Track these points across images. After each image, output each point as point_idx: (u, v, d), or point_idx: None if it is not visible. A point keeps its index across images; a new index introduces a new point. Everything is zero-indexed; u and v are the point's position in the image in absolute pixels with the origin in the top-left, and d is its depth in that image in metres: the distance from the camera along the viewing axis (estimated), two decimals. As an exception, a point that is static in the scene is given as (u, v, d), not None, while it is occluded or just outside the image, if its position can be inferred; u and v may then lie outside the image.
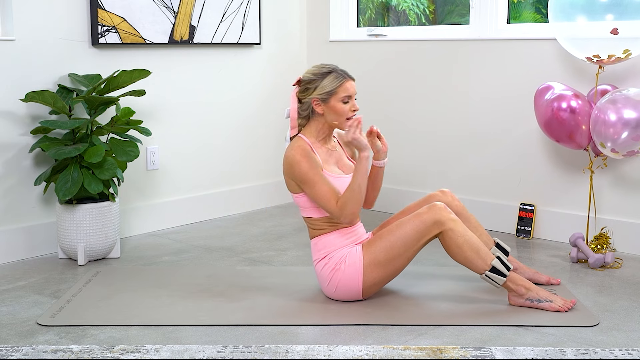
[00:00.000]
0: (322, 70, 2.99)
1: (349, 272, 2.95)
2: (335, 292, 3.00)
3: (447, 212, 2.92)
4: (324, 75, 2.98)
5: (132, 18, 4.01)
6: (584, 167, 3.80)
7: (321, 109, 2.99)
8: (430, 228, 2.90)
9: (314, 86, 2.98)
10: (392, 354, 2.53)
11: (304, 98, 3.01)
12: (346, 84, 2.97)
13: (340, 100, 2.96)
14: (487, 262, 2.91)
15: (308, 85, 3.00)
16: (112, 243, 3.68)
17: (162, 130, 4.23)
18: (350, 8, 4.91)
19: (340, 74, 2.98)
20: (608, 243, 3.63)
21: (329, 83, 2.96)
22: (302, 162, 2.93)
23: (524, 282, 2.96)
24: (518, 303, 2.96)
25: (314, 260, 3.05)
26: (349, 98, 2.98)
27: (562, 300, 2.94)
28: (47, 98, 3.49)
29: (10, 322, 2.85)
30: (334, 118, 2.99)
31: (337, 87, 2.96)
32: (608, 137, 3.34)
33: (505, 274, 2.91)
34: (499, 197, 4.23)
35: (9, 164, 3.64)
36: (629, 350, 2.57)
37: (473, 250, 2.90)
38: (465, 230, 2.91)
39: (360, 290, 2.98)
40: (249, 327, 2.80)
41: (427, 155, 4.49)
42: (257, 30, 4.63)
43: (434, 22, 4.74)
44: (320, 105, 2.98)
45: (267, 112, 4.80)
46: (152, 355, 2.53)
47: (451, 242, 2.90)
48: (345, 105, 2.97)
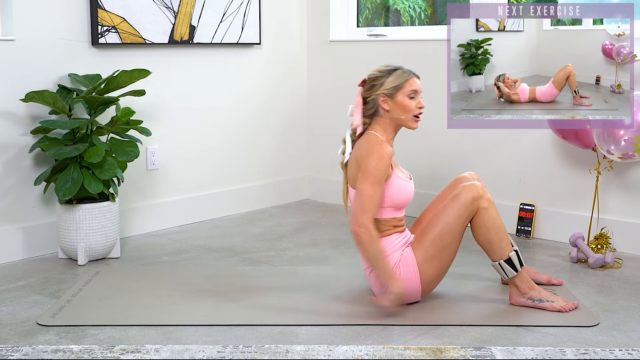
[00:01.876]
0: (388, 68, 3.00)
1: (405, 274, 2.93)
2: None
3: (484, 190, 2.93)
4: (390, 72, 2.98)
5: (132, 18, 4.01)
6: (590, 168, 3.80)
7: (388, 105, 2.97)
8: (469, 207, 2.90)
9: (380, 82, 2.97)
10: (392, 354, 2.53)
11: (370, 96, 2.99)
12: (412, 79, 2.98)
13: (407, 95, 2.96)
14: (505, 251, 2.92)
15: (374, 82, 2.98)
16: (112, 243, 3.68)
17: (162, 130, 4.23)
18: (350, 8, 4.91)
19: (406, 71, 3.00)
20: (608, 243, 3.63)
21: (396, 78, 2.96)
22: (382, 156, 2.87)
23: (528, 282, 2.96)
24: (519, 302, 2.96)
25: (364, 268, 3.01)
26: (415, 93, 2.97)
27: (564, 302, 2.94)
28: (47, 98, 3.49)
29: (10, 322, 2.85)
30: (401, 113, 2.97)
31: (403, 82, 2.96)
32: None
33: (518, 268, 2.93)
34: (499, 197, 4.23)
35: (9, 164, 3.64)
36: (629, 350, 2.57)
37: (498, 236, 2.91)
38: (497, 214, 2.93)
39: (420, 290, 2.96)
40: (249, 327, 2.80)
41: (427, 155, 4.49)
42: (257, 30, 4.63)
43: (432, 23, 4.74)
44: (387, 101, 2.96)
45: (267, 112, 4.80)
46: (152, 355, 2.53)
47: (481, 221, 2.91)
48: (412, 101, 2.97)
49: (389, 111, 2.97)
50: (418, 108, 2.98)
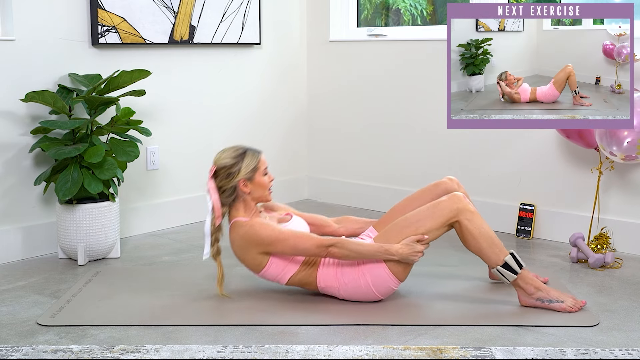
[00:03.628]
0: (238, 152, 3.06)
1: (376, 276, 2.95)
2: (376, 294, 2.99)
3: (466, 202, 2.95)
4: (242, 156, 3.05)
5: (132, 18, 4.01)
6: (592, 167, 3.79)
7: (248, 188, 3.04)
8: (450, 218, 2.93)
9: (237, 169, 3.03)
10: (392, 354, 2.53)
11: (228, 185, 3.03)
12: (262, 157, 3.09)
13: (263, 173, 3.06)
14: (500, 257, 2.93)
15: (230, 171, 3.03)
16: (112, 243, 3.68)
17: (162, 130, 4.23)
18: (350, 8, 4.91)
19: (254, 150, 3.09)
20: (608, 243, 3.63)
21: (250, 161, 3.05)
22: (258, 226, 2.97)
23: (534, 282, 2.95)
24: (528, 303, 2.96)
25: (338, 291, 3.03)
26: (266, 169, 3.09)
27: (573, 301, 2.94)
28: (47, 98, 3.49)
29: (10, 322, 2.85)
30: (260, 192, 3.07)
31: (258, 163, 3.06)
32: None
33: (517, 271, 2.93)
34: (499, 197, 4.23)
35: (9, 164, 3.64)
36: (629, 350, 2.57)
37: (487, 242, 2.93)
38: (482, 222, 2.94)
39: (396, 280, 2.97)
40: (249, 327, 2.80)
41: (428, 155, 4.49)
42: (257, 30, 4.63)
43: (432, 22, 4.74)
44: (247, 184, 3.04)
45: (267, 112, 4.80)
46: (152, 355, 2.53)
47: (468, 232, 2.93)
48: (266, 177, 3.08)
49: (250, 193, 3.05)
50: (270, 181, 3.10)
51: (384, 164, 4.71)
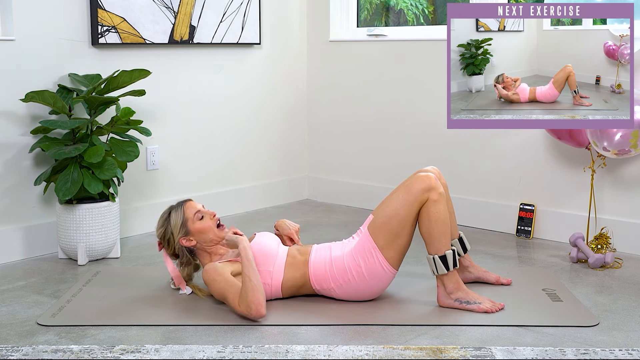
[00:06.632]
0: (164, 217, 3.10)
1: (370, 264, 2.96)
2: (371, 289, 3.00)
3: (437, 183, 2.93)
4: (168, 218, 3.08)
5: (132, 18, 4.01)
6: (584, 166, 3.80)
7: (192, 241, 3.06)
8: (419, 197, 2.91)
9: (169, 232, 3.07)
10: (392, 354, 2.53)
11: (175, 249, 3.09)
12: (187, 205, 3.09)
13: (195, 219, 3.05)
14: (442, 248, 2.92)
15: (165, 236, 3.09)
16: (112, 243, 3.68)
17: (162, 130, 4.23)
18: (350, 8, 4.91)
19: (177, 205, 3.11)
20: (608, 243, 3.63)
21: (175, 217, 3.06)
22: (211, 271, 2.93)
23: (457, 282, 2.96)
24: (446, 304, 2.97)
25: (334, 290, 3.02)
26: (199, 212, 3.07)
27: (491, 303, 2.95)
28: (47, 98, 3.49)
29: (10, 322, 2.85)
30: (206, 236, 3.07)
31: (183, 214, 3.06)
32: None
33: (450, 268, 2.93)
34: (499, 197, 4.23)
35: (9, 164, 3.64)
36: (629, 350, 2.57)
37: (439, 231, 2.91)
38: (445, 210, 2.92)
39: (391, 269, 2.97)
40: (249, 327, 2.80)
41: (427, 155, 4.49)
42: (257, 30, 4.63)
43: (433, 22, 4.74)
44: (188, 238, 3.06)
45: (267, 112, 4.81)
46: (152, 355, 2.53)
47: (427, 213, 2.91)
48: (204, 220, 3.07)
49: (197, 242, 3.07)
50: (212, 218, 3.09)
51: (384, 164, 4.71)
